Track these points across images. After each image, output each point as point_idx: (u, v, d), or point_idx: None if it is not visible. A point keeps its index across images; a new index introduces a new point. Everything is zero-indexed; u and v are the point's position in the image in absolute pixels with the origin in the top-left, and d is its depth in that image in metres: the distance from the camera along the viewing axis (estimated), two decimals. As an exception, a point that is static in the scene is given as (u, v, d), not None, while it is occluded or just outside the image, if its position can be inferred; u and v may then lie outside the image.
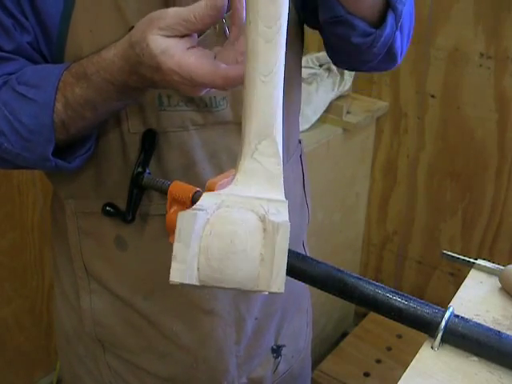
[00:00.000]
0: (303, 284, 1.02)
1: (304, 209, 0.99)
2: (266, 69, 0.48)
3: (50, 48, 0.71)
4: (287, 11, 0.49)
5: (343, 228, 1.90)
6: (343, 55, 0.84)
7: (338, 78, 1.70)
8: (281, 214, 0.47)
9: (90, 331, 0.90)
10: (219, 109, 0.76)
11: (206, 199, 0.47)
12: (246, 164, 0.49)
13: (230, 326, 0.88)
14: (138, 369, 0.91)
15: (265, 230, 0.45)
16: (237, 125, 0.75)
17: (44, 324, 1.73)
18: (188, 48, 0.57)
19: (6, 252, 1.56)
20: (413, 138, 1.84)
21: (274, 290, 0.45)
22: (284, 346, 1.00)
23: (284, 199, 0.49)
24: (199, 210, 0.45)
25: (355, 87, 1.82)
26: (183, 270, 0.45)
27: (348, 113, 1.74)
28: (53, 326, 1.73)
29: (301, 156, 0.97)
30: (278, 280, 0.45)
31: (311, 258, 0.67)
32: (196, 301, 0.84)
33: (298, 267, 0.66)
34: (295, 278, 0.68)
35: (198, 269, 0.45)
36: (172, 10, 0.56)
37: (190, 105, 0.74)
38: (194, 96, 0.72)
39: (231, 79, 0.55)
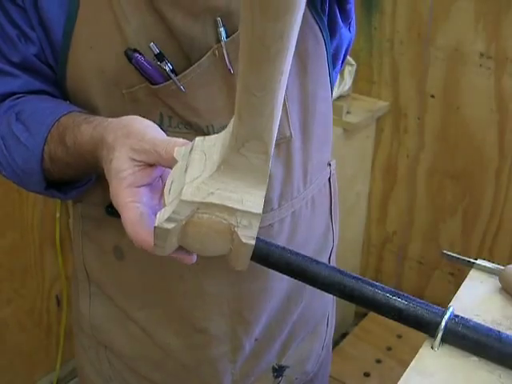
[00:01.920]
0: (326, 309, 1.00)
1: (328, 236, 0.94)
2: (260, 85, 0.42)
3: (55, 60, 0.71)
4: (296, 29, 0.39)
5: (343, 228, 1.88)
6: None
7: (338, 77, 1.70)
8: (251, 228, 0.49)
9: (88, 331, 0.90)
10: None
11: (181, 206, 0.48)
12: (230, 157, 0.47)
13: (225, 346, 0.86)
14: (134, 372, 0.91)
15: (233, 240, 0.49)
16: None
17: (44, 324, 1.73)
18: (138, 186, 0.55)
19: (6, 252, 1.56)
20: (413, 138, 1.84)
21: (238, 269, 0.53)
22: (288, 367, 0.96)
23: (259, 208, 0.48)
24: (173, 221, 0.48)
25: (355, 87, 1.82)
26: (164, 250, 0.51)
27: (348, 113, 1.74)
28: (53, 326, 1.74)
29: (330, 179, 0.91)
30: (242, 266, 0.52)
31: (311, 259, 0.67)
32: (189, 319, 0.83)
33: (298, 267, 0.66)
34: (295, 279, 0.68)
35: (178, 242, 0.51)
36: (151, 135, 0.55)
37: (190, 128, 0.72)
38: None
39: (136, 243, 0.54)
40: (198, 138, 0.52)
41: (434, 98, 1.74)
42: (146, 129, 0.56)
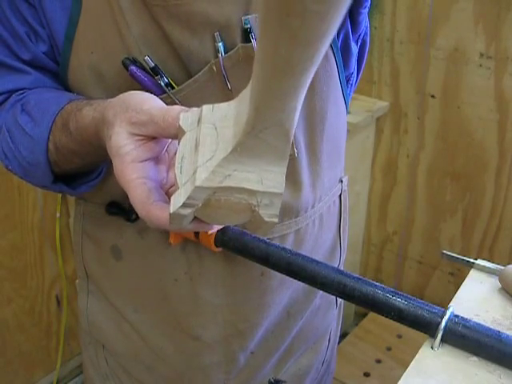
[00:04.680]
0: (328, 325, 0.98)
1: (335, 253, 0.93)
2: (282, 93, 0.38)
3: (59, 59, 0.70)
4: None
5: (343, 228, 1.89)
6: None
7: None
8: (273, 206, 0.46)
9: (86, 329, 0.90)
10: None
11: (197, 191, 0.45)
12: (247, 139, 0.42)
13: (219, 356, 0.85)
14: (128, 372, 0.91)
15: (254, 216, 0.46)
16: None
17: (44, 324, 1.73)
18: (141, 161, 0.52)
19: (6, 252, 1.56)
20: (413, 138, 1.84)
21: (258, 234, 0.50)
22: (284, 381, 0.93)
23: (281, 187, 0.45)
24: (188, 206, 0.45)
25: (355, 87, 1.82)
26: (181, 226, 0.48)
27: (348, 113, 1.73)
28: (53, 326, 1.74)
29: (340, 195, 0.89)
30: (262, 234, 0.50)
31: (311, 259, 0.67)
32: (183, 324, 0.83)
33: (298, 267, 0.66)
34: (295, 279, 0.68)
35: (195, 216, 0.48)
36: (148, 106, 0.53)
37: None
38: None
39: (149, 222, 0.51)
40: (205, 107, 0.47)
41: (434, 97, 1.74)
42: (144, 100, 0.54)
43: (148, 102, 0.53)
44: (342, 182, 0.89)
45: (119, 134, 0.52)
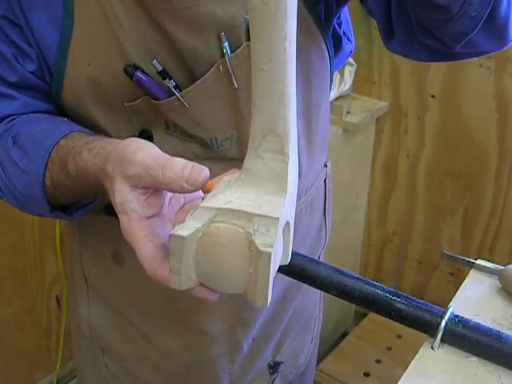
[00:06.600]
0: (315, 305, 1.02)
1: (321, 234, 0.96)
2: (266, 54, 0.42)
3: (51, 76, 0.69)
4: None
5: (343, 228, 1.90)
6: (426, 32, 0.67)
7: (338, 77, 1.70)
8: (268, 236, 0.46)
9: (86, 334, 0.90)
10: (221, 149, 0.72)
11: (199, 213, 0.46)
12: (249, 161, 0.47)
13: (224, 348, 0.87)
14: (132, 375, 0.91)
15: (251, 250, 0.46)
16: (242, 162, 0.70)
17: (44, 324, 1.73)
18: (148, 217, 0.50)
19: (6, 252, 1.56)
20: (413, 138, 1.84)
21: (258, 304, 0.48)
22: (282, 362, 0.98)
23: (277, 213, 0.46)
24: (189, 229, 0.46)
25: (355, 87, 1.82)
26: (180, 279, 0.48)
27: (348, 113, 1.73)
28: (53, 326, 1.74)
29: (325, 180, 0.92)
30: (262, 297, 0.48)
31: (311, 258, 0.67)
32: (190, 322, 0.83)
33: (298, 267, 0.66)
34: (295, 279, 0.68)
35: (197, 275, 0.48)
36: (141, 157, 0.49)
37: (194, 138, 0.71)
38: None
39: (155, 279, 0.50)
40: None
41: (434, 97, 1.74)
42: (138, 149, 0.51)
43: (142, 152, 0.51)
44: (326, 166, 0.92)
45: (121, 191, 0.50)
